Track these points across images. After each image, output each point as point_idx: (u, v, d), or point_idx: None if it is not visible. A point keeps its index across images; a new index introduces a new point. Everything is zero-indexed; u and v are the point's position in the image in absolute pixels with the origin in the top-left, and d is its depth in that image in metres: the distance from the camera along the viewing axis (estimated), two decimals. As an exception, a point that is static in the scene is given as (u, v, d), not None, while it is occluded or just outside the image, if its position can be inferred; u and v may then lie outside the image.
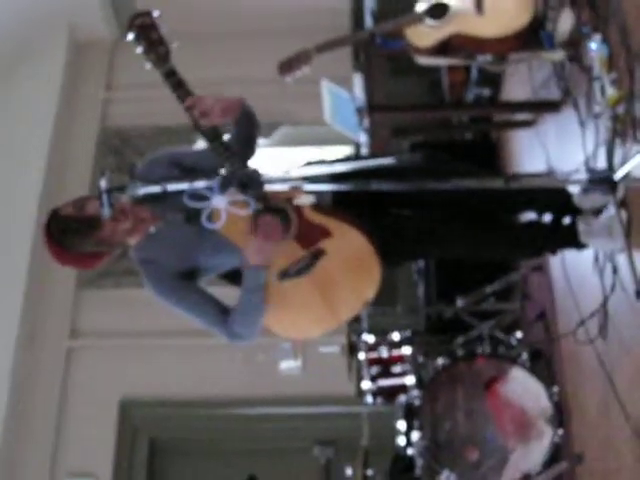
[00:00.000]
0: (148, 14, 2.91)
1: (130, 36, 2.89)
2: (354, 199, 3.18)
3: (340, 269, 3.19)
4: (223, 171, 2.73)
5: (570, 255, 4.13)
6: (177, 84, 2.96)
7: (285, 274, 3.16)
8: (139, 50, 2.92)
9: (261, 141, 7.88)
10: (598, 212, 3.51)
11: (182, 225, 3.22)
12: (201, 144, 3.08)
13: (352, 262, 3.19)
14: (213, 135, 2.98)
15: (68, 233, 3.17)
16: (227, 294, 3.32)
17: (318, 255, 3.16)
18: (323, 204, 3.17)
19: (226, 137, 3.02)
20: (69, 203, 3.24)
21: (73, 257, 3.26)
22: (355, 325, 5.67)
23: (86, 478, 6.99)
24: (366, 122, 5.34)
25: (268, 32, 8.11)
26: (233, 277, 3.40)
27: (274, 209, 3.07)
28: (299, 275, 3.17)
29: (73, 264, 3.35)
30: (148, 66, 2.93)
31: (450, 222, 3.45)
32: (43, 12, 7.87)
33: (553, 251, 3.72)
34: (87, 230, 3.16)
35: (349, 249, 3.17)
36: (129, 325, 7.32)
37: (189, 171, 3.28)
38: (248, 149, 3.34)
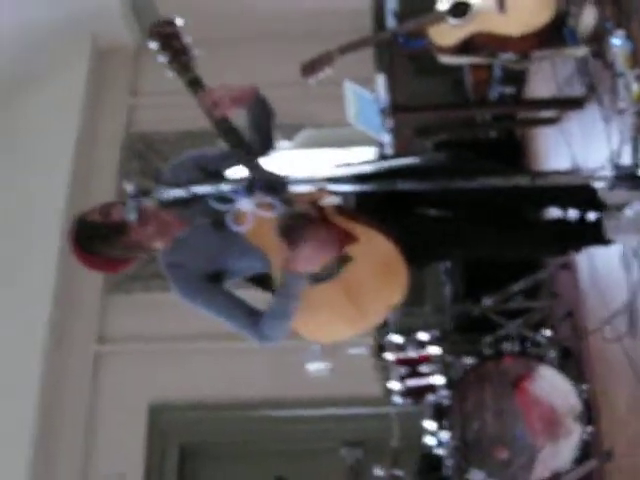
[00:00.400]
0: (171, 23, 2.90)
1: (153, 45, 2.89)
2: (378, 200, 3.18)
3: (367, 274, 3.19)
4: (248, 174, 2.73)
5: (597, 252, 4.12)
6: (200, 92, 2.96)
7: (314, 279, 3.16)
8: (162, 59, 2.91)
9: (284, 143, 7.90)
10: (623, 208, 3.49)
11: (209, 230, 3.23)
12: (223, 145, 3.08)
13: (379, 267, 3.18)
14: (226, 128, 2.96)
15: (95, 239, 3.18)
16: (252, 297, 3.33)
17: (345, 260, 3.16)
18: (347, 207, 3.17)
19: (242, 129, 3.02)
20: (95, 209, 3.25)
21: (100, 262, 3.27)
22: (382, 326, 5.67)
23: (117, 482, 7.03)
24: (389, 122, 5.34)
25: (290, 35, 8.12)
26: (259, 280, 3.41)
27: (302, 215, 3.07)
28: (326, 280, 3.17)
29: (100, 269, 3.35)
30: (171, 75, 2.93)
31: (475, 222, 3.44)
32: (66, 20, 7.90)
33: (578, 249, 3.71)
34: (114, 236, 3.16)
35: (376, 254, 3.17)
36: (157, 329, 7.34)
37: (213, 174, 3.29)
38: (265, 139, 3.34)
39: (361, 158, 3.78)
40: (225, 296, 3.29)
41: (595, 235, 3.50)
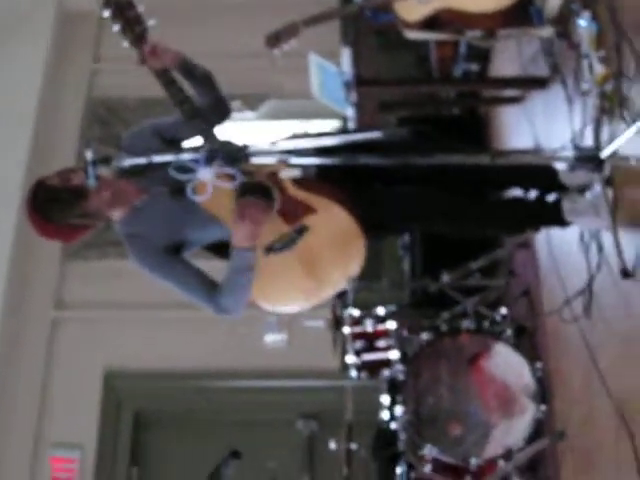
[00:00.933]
0: None
1: (106, 14, 2.86)
2: (339, 172, 3.18)
3: (324, 245, 3.21)
4: (208, 143, 2.72)
5: (556, 233, 4.15)
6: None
7: (269, 249, 3.18)
8: (115, 29, 2.89)
9: (248, 114, 7.86)
10: (583, 190, 3.51)
11: (168, 199, 3.22)
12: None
13: (336, 238, 3.20)
14: (168, 80, 2.96)
15: (53, 203, 3.15)
16: (213, 267, 3.33)
17: (302, 231, 3.18)
18: (307, 178, 3.17)
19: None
20: (55, 174, 3.23)
21: (55, 229, 3.24)
22: (340, 299, 5.68)
23: (71, 449, 7.00)
24: (353, 96, 5.32)
25: (256, 5, 8.06)
26: (217, 249, 3.41)
27: (257, 185, 3.07)
28: (283, 250, 3.19)
29: (54, 236, 3.31)
30: (125, 44, 2.91)
31: (434, 196, 3.45)
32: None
33: (536, 228, 3.73)
34: (73, 200, 3.14)
35: (333, 225, 3.19)
36: (114, 297, 7.31)
37: (169, 142, 3.28)
38: (217, 104, 3.33)
39: (323, 130, 3.78)
40: (184, 267, 3.29)
41: (554, 216, 3.51)
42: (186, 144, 3.31)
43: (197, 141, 3.20)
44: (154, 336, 7.18)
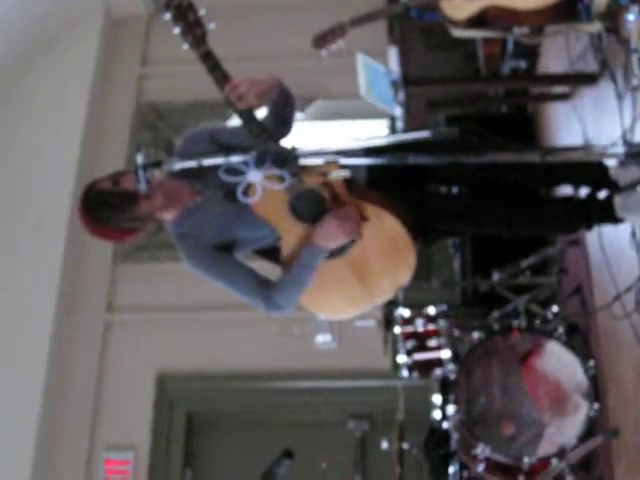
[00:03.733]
0: None
1: (167, 16, 2.89)
2: (390, 175, 3.19)
3: (375, 253, 3.23)
4: (259, 147, 2.74)
5: (607, 229, 4.11)
6: (213, 66, 2.97)
7: None
8: (176, 31, 2.91)
9: (297, 116, 7.88)
10: (635, 186, 3.48)
11: (221, 201, 3.24)
12: (237, 120, 3.09)
13: (387, 246, 3.23)
14: (249, 117, 3.00)
15: (104, 206, 3.21)
16: (259, 268, 3.35)
17: (354, 239, 3.19)
18: (358, 185, 3.19)
19: (261, 116, 3.04)
20: (106, 177, 3.27)
21: (106, 230, 3.30)
22: (391, 300, 5.68)
23: (124, 451, 7.06)
24: (401, 95, 5.32)
25: (302, 5, 8.08)
26: (267, 253, 3.43)
27: (310, 193, 3.10)
28: (334, 257, 3.20)
29: (106, 237, 3.37)
30: (185, 47, 2.93)
31: (485, 199, 3.44)
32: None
33: (588, 227, 3.70)
34: (123, 204, 3.19)
35: (384, 234, 3.20)
36: (165, 299, 7.37)
37: (226, 148, 3.30)
38: (284, 127, 3.36)
39: (373, 131, 3.79)
40: (235, 265, 3.32)
41: (605, 213, 3.49)
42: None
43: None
44: (205, 338, 7.22)
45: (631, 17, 3.81)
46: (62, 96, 7.85)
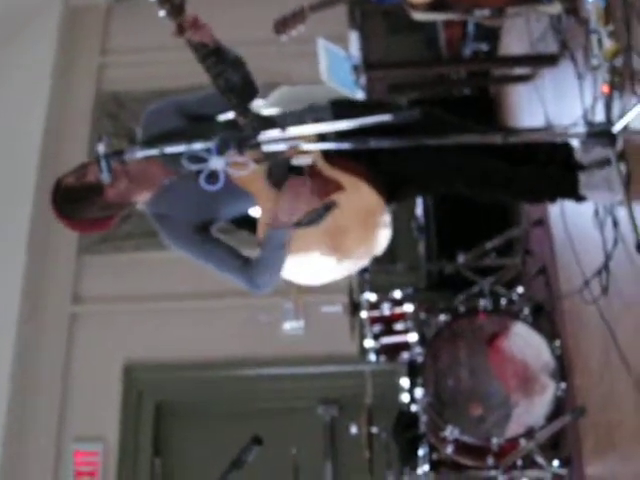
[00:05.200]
0: None
1: None
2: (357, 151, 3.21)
3: (351, 221, 3.25)
4: (222, 129, 2.73)
5: (570, 209, 4.13)
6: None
7: (297, 224, 3.21)
8: None
9: (258, 101, 7.85)
10: (603, 165, 3.48)
11: (196, 179, 3.23)
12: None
13: (363, 215, 3.26)
14: (205, 52, 2.95)
15: (72, 202, 3.23)
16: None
17: (330, 207, 3.22)
18: (336, 155, 3.19)
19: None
20: (70, 172, 3.26)
21: (84, 223, 3.33)
22: (357, 284, 5.69)
23: (93, 442, 7.04)
24: (363, 80, 5.31)
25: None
26: (242, 223, 3.45)
27: (287, 163, 3.10)
28: (310, 225, 3.22)
29: (86, 230, 3.44)
30: (162, 14, 2.86)
31: (456, 155, 3.42)
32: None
33: (552, 198, 3.72)
34: (90, 197, 3.19)
35: (361, 202, 3.24)
36: (130, 289, 7.34)
37: (196, 119, 3.31)
38: (246, 83, 3.32)
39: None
40: (216, 244, 3.36)
41: (570, 188, 3.51)
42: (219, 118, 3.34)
43: (229, 116, 3.23)
44: (172, 327, 7.19)
45: (590, -3, 3.83)
46: (23, 87, 7.77)
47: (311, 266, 3.38)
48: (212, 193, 3.20)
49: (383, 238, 3.32)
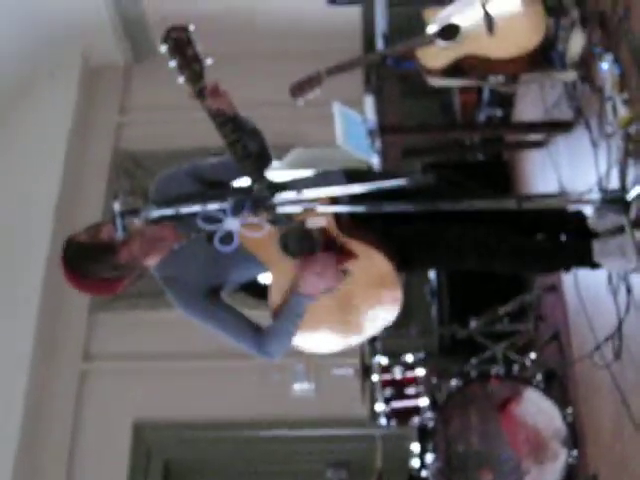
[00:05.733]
0: (184, 29, 2.84)
1: (163, 48, 2.84)
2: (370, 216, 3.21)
3: (363, 290, 3.22)
4: (236, 193, 2.73)
5: (584, 275, 4.12)
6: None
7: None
8: (172, 64, 2.86)
9: (274, 163, 7.89)
10: (616, 232, 3.47)
11: (204, 243, 3.23)
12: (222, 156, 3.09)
13: (375, 284, 3.22)
14: (223, 120, 2.96)
15: (84, 260, 3.18)
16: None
17: (343, 275, 3.20)
18: (347, 220, 3.18)
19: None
20: (83, 230, 3.25)
21: (92, 284, 3.26)
22: (369, 347, 5.67)
23: (101, 501, 7.01)
24: (378, 144, 5.34)
25: (280, 54, 8.14)
26: (251, 289, 3.44)
27: (300, 230, 3.10)
28: (324, 293, 3.20)
29: (93, 291, 3.38)
30: (181, 80, 2.89)
31: (466, 230, 3.43)
32: (57, 36, 7.93)
33: (567, 268, 3.71)
34: (102, 255, 3.16)
35: (373, 272, 3.20)
36: (142, 348, 7.33)
37: (211, 184, 3.31)
38: (262, 149, 3.34)
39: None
40: (226, 310, 3.31)
41: (584, 256, 3.50)
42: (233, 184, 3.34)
43: (244, 182, 3.23)
44: (183, 386, 7.17)
45: (605, 66, 3.86)
46: (41, 144, 7.85)
47: (320, 334, 3.36)
48: (221, 258, 3.21)
49: (395, 306, 3.30)
